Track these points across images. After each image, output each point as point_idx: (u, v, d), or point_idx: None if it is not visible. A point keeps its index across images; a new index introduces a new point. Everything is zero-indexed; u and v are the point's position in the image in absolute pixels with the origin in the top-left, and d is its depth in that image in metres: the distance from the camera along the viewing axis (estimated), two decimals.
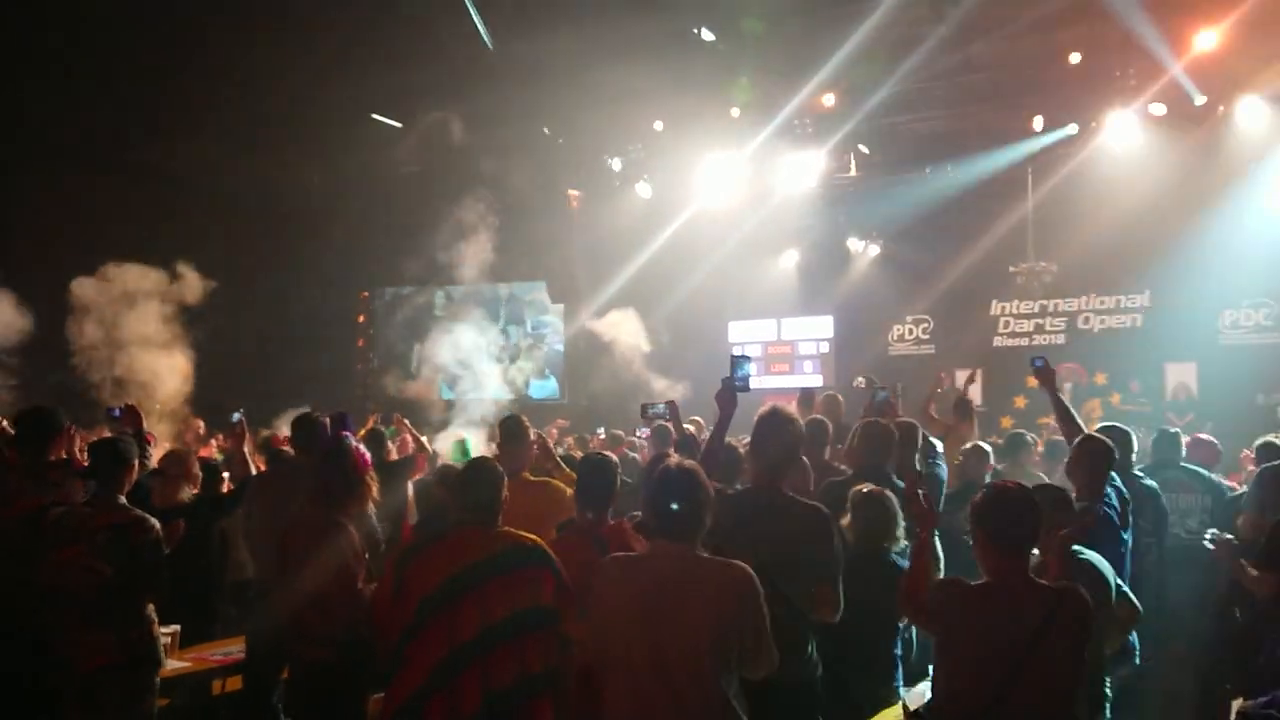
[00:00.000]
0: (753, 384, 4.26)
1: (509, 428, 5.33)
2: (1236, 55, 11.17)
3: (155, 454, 5.85)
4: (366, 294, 19.08)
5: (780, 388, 14.58)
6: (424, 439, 7.18)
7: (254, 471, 5.83)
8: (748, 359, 4.25)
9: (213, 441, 9.66)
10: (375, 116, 14.35)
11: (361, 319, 19.13)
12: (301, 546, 4.23)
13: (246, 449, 6.00)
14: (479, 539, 3.68)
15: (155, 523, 4.26)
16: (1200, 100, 11.92)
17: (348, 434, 4.98)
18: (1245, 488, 6.18)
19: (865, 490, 4.40)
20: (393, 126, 14.58)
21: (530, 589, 3.63)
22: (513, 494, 3.93)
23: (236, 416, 6.02)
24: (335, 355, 18.15)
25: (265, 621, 4.65)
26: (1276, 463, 5.28)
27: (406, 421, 7.74)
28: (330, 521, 4.23)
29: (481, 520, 3.72)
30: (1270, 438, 6.36)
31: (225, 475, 6.60)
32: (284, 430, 7.45)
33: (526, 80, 12.41)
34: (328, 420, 5.66)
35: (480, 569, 3.60)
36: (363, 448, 4.57)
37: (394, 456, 7.16)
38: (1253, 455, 6.62)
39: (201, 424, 9.49)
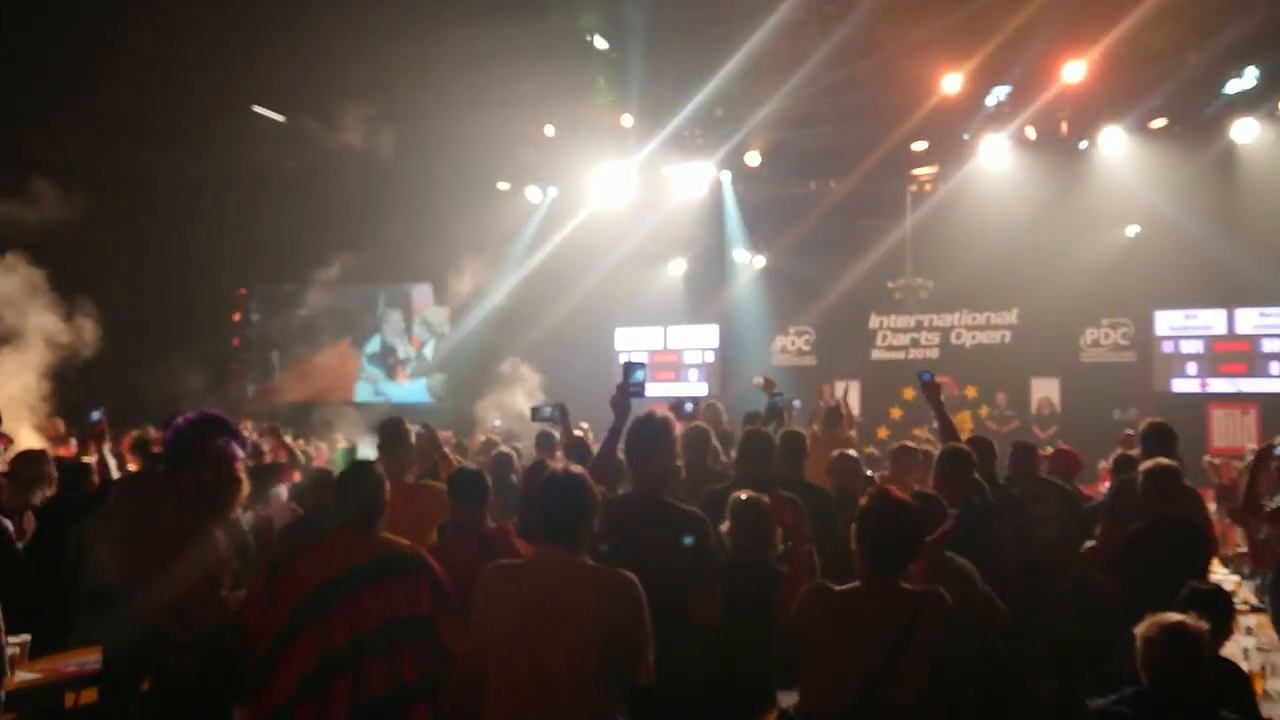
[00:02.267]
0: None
1: (389, 432, 5.22)
2: (1101, 86, 11.77)
3: (9, 455, 5.54)
4: (244, 290, 18.43)
5: (666, 396, 14.67)
6: (296, 446, 6.98)
7: (114, 473, 5.58)
8: (641, 365, 4.24)
9: (72, 441, 9.21)
10: (257, 109, 13.92)
11: (237, 317, 18.47)
12: (165, 551, 4.04)
13: (107, 449, 5.72)
14: (355, 544, 3.58)
15: (7, 522, 4.05)
16: (1066, 128, 12.53)
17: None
18: (1103, 498, 6.51)
19: (743, 497, 4.30)
20: (275, 120, 14.16)
21: (406, 597, 3.54)
22: (393, 498, 3.84)
23: (95, 415, 5.74)
24: (208, 353, 17.48)
25: (124, 629, 4.43)
26: (1130, 475, 5.55)
27: (278, 429, 7.53)
28: (195, 525, 4.06)
29: (359, 524, 3.62)
30: (1125, 451, 6.70)
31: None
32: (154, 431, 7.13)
33: (415, 79, 12.21)
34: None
35: (355, 575, 3.49)
36: (234, 447, 4.40)
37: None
38: (1110, 468, 6.95)
39: (61, 423, 9.06)
